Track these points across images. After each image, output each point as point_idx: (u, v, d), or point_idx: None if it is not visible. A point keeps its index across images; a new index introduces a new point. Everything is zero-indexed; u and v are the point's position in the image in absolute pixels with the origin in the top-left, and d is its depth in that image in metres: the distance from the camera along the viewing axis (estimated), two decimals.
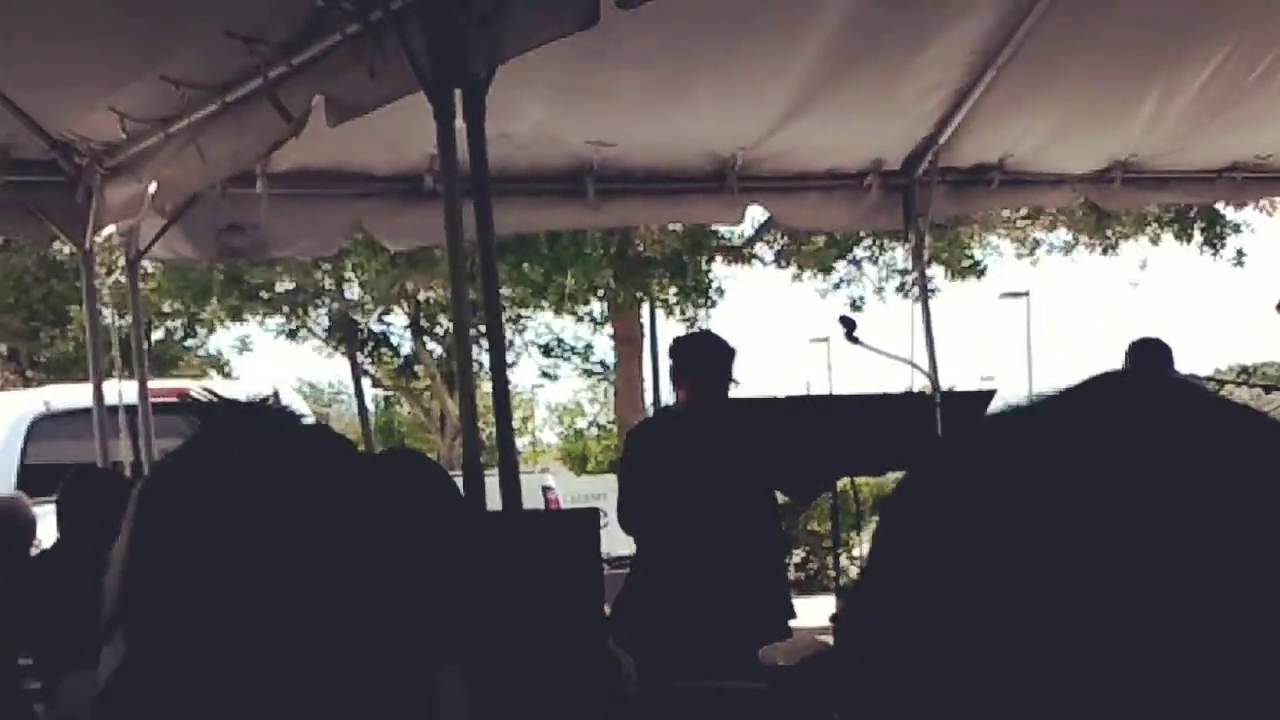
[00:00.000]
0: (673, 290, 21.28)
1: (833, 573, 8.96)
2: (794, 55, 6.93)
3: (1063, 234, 21.33)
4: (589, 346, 27.01)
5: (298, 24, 5.61)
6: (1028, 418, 0.85)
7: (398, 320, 26.04)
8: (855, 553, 7.04)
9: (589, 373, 27.68)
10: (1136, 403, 0.84)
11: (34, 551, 6.48)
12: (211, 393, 1.29)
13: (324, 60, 5.56)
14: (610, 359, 25.81)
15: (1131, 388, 0.85)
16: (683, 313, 21.59)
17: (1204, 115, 7.82)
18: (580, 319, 24.73)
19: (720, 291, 21.93)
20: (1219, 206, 19.54)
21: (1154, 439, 0.82)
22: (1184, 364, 8.12)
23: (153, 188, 6.82)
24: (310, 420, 1.33)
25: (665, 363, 6.83)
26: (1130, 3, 6.91)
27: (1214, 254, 20.54)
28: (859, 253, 22.16)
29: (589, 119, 7.38)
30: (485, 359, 5.40)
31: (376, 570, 1.21)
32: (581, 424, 37.09)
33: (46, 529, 6.46)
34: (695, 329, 19.85)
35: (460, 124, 4.88)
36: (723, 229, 21.82)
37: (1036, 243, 21.75)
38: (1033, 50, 7.12)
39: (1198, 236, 20.43)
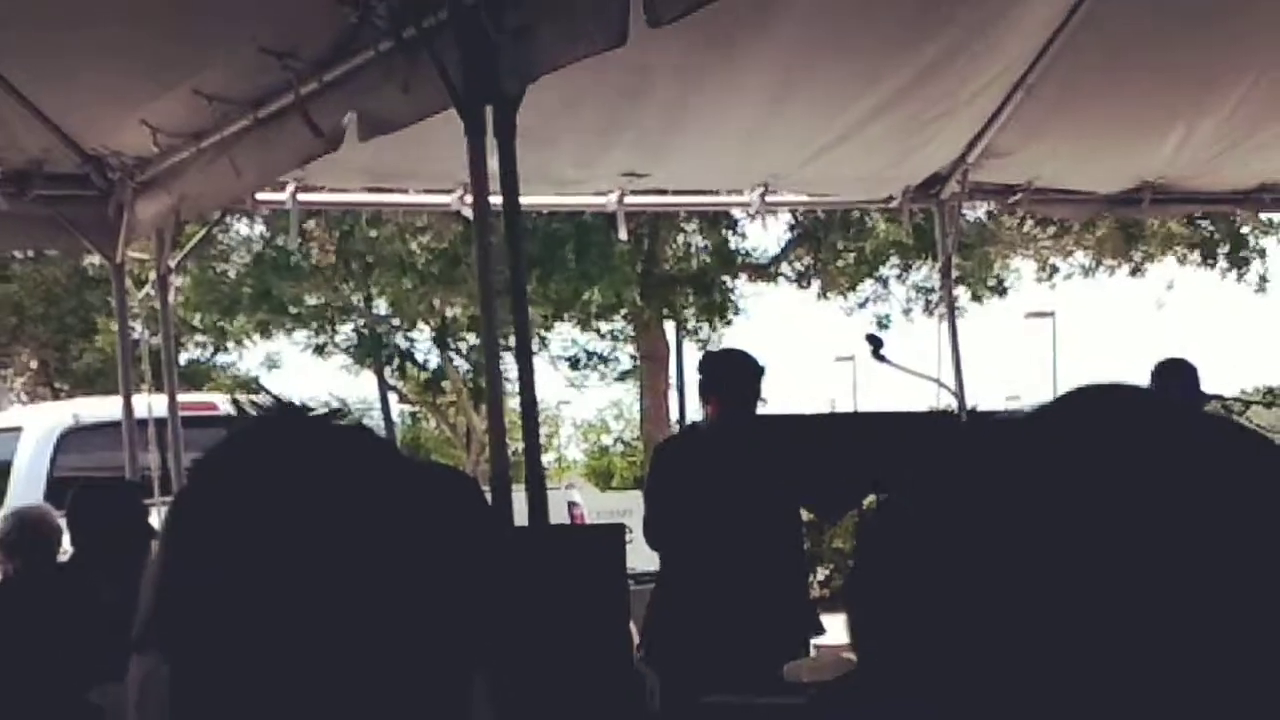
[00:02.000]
0: (689, 310, 21.23)
1: None
2: (825, 82, 6.95)
3: (1085, 256, 21.23)
4: (614, 358, 26.96)
5: (331, 40, 5.64)
6: (997, 435, 0.88)
7: (423, 336, 26.05)
8: None
9: (620, 377, 27.57)
10: (1105, 420, 0.86)
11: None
12: (252, 399, 1.28)
13: (357, 76, 5.59)
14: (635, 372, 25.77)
15: (1100, 405, 0.87)
16: (699, 330, 21.52)
17: (1238, 136, 7.80)
18: (604, 335, 24.70)
19: (737, 310, 21.85)
20: (1243, 230, 19.46)
21: (1118, 455, 0.83)
22: (1210, 385, 8.08)
23: (182, 200, 6.84)
24: (350, 422, 1.30)
25: (692, 379, 6.84)
26: (1159, 28, 6.90)
27: (1238, 278, 20.50)
28: (884, 271, 22.11)
29: (622, 151, 7.40)
30: (512, 374, 5.39)
31: (419, 578, 1.21)
32: (606, 440, 37.05)
33: None
34: (712, 346, 19.82)
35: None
36: (748, 247, 21.82)
37: (1054, 268, 21.64)
38: (1061, 73, 7.12)
39: (1222, 261, 20.38)
